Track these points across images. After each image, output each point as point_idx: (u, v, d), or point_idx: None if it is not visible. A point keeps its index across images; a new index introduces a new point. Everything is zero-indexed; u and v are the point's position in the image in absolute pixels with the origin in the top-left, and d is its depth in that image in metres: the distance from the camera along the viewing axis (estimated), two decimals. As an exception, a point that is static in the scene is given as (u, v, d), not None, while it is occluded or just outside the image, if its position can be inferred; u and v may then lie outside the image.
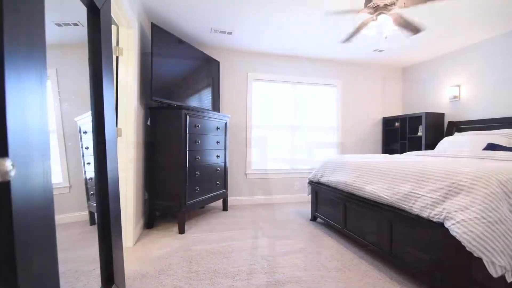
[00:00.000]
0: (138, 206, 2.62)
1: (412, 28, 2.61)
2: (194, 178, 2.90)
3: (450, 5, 2.64)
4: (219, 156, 3.41)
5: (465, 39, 3.49)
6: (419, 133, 4.09)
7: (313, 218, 3.25)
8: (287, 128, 4.38)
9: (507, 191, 1.40)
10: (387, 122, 4.73)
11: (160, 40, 2.79)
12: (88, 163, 2.85)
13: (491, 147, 2.83)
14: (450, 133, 3.85)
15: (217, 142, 3.35)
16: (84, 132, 2.92)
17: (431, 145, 3.89)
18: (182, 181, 2.71)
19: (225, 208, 3.69)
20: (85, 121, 2.87)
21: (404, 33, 2.73)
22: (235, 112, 4.10)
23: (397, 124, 4.50)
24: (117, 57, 2.33)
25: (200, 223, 3.10)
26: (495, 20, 2.94)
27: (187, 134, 2.78)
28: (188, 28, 3.31)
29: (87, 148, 2.89)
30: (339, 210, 2.63)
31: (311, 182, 3.25)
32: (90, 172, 2.80)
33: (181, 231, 2.72)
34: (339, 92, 4.56)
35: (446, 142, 3.49)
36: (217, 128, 3.35)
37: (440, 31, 3.28)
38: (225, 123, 3.56)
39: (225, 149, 3.56)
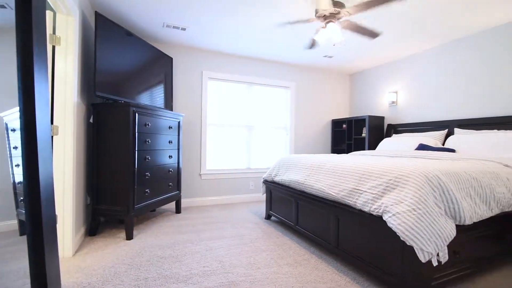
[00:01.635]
0: (78, 212, 2.39)
1: (369, 33, 2.78)
2: (143, 180, 2.75)
3: (395, 19, 2.92)
4: (171, 157, 3.28)
5: (403, 50, 3.90)
6: (363, 134, 4.44)
7: (268, 217, 3.31)
8: (243, 128, 4.40)
9: (433, 186, 1.59)
10: (336, 124, 5.05)
11: (105, 30, 2.58)
12: (17, 165, 2.51)
13: (422, 147, 3.20)
14: (389, 135, 4.27)
15: (169, 142, 3.22)
16: (12, 130, 2.57)
17: (373, 145, 4.26)
18: (130, 184, 2.54)
19: (178, 210, 3.56)
20: (13, 117, 2.52)
21: (362, 38, 2.95)
22: (189, 110, 3.99)
23: (344, 125, 4.83)
24: (53, 47, 2.09)
25: (150, 227, 2.95)
26: (429, 34, 3.33)
27: (136, 133, 2.61)
28: (138, 21, 3.12)
29: (15, 148, 2.55)
30: (292, 208, 2.73)
31: (265, 182, 3.31)
32: (20, 175, 2.47)
33: (129, 236, 2.55)
34: (292, 94, 4.73)
35: (385, 143, 3.86)
36: (170, 127, 3.22)
37: (384, 42, 3.60)
38: (179, 122, 3.43)
39: (178, 149, 3.44)
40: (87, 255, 2.20)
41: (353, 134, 4.59)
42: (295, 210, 2.67)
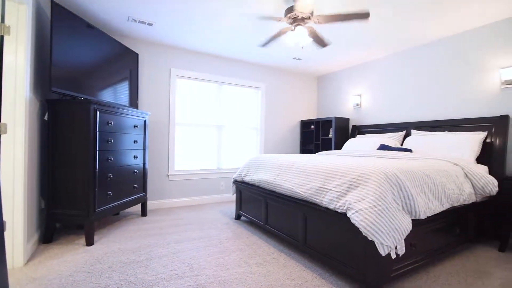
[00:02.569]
0: (30, 217, 2.19)
1: (321, 42, 2.93)
2: (105, 182, 2.60)
3: (357, 27, 3.06)
4: (137, 157, 3.14)
5: (367, 55, 4.11)
6: (330, 135, 4.61)
7: (237, 217, 3.30)
8: (213, 128, 4.35)
9: (391, 183, 1.70)
10: (304, 125, 5.19)
11: (62, 21, 2.40)
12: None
13: (383, 147, 3.39)
14: (353, 135, 4.47)
15: (134, 142, 3.08)
16: (-50, 128, 2.28)
17: (339, 145, 4.44)
18: (90, 186, 2.39)
19: (144, 213, 3.42)
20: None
21: (315, 45, 3.07)
22: (157, 109, 3.85)
23: (312, 126, 4.98)
24: (1, 37, 1.90)
25: (113, 231, 2.79)
26: (391, 41, 3.55)
27: (97, 132, 2.46)
28: (101, 13, 2.95)
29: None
30: (261, 207, 2.75)
31: (235, 182, 3.30)
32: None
33: (89, 242, 2.40)
34: (263, 95, 4.77)
35: (350, 143, 4.04)
36: (135, 126, 3.08)
37: (347, 47, 3.77)
38: (145, 121, 3.30)
39: (144, 149, 3.30)
40: (41, 264, 2.02)
41: (320, 134, 4.75)
42: (265, 210, 2.69)
